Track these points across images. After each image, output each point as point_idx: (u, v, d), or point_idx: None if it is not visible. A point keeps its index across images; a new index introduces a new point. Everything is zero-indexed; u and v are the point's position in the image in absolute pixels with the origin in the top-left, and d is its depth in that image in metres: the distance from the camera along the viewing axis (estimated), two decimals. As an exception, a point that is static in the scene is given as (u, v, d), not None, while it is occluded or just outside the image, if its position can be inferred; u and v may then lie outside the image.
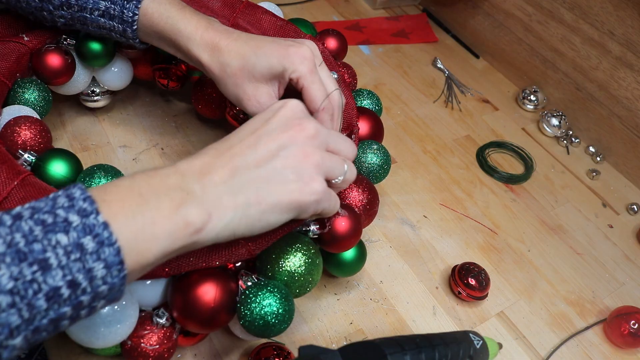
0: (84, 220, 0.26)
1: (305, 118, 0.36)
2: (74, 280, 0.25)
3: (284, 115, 0.35)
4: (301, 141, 0.34)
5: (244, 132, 0.35)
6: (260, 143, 0.33)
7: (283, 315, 0.37)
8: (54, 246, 0.25)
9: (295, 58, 0.41)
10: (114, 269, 0.26)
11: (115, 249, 0.26)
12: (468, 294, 0.50)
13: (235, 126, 0.55)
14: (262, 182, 0.32)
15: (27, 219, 0.25)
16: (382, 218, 0.57)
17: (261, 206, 0.32)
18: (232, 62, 0.42)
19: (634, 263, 0.60)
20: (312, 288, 0.41)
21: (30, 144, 0.43)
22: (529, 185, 0.66)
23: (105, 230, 0.26)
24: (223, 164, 0.32)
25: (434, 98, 0.76)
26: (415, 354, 0.37)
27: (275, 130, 0.34)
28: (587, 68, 0.71)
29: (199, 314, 0.36)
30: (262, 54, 0.41)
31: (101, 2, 0.43)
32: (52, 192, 0.27)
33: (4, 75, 0.45)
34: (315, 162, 0.34)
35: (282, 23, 0.57)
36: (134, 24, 0.44)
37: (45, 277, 0.24)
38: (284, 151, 0.33)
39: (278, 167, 0.33)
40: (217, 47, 0.42)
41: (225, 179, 0.32)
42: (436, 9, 0.91)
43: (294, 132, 0.34)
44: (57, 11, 0.45)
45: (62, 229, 0.25)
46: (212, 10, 0.55)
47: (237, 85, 0.42)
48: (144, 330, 0.37)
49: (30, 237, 0.25)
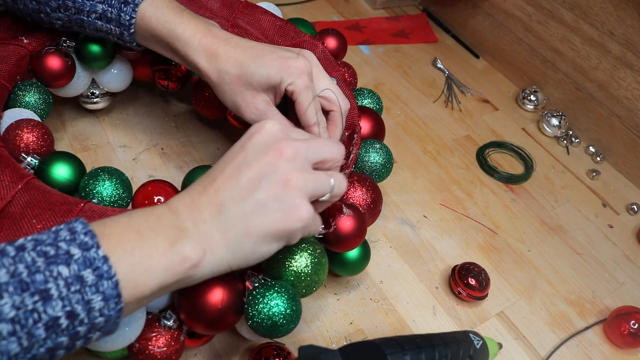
0: (84, 253, 0.27)
1: (282, 140, 0.34)
2: (72, 311, 0.26)
3: (260, 140, 0.34)
4: (281, 167, 0.33)
5: (224, 162, 0.34)
6: (241, 175, 0.33)
7: (291, 315, 0.37)
8: (55, 277, 0.26)
9: (293, 71, 0.41)
10: (112, 301, 0.27)
11: (113, 282, 0.27)
12: (468, 294, 0.50)
13: (236, 126, 0.55)
14: (249, 215, 0.32)
15: (30, 250, 0.26)
16: (382, 218, 0.57)
17: (252, 238, 0.32)
18: (230, 69, 0.42)
19: (634, 263, 0.60)
20: (318, 288, 0.41)
21: (33, 147, 0.43)
22: (529, 185, 0.66)
23: (105, 264, 0.27)
24: (209, 200, 0.32)
25: (434, 98, 0.76)
26: (415, 354, 0.37)
27: (253, 157, 0.33)
28: (587, 68, 0.71)
29: (206, 316, 0.36)
30: (261, 63, 0.41)
31: (98, 5, 0.43)
32: (55, 226, 0.29)
33: (4, 78, 0.45)
34: (297, 186, 0.33)
35: (281, 23, 0.57)
36: (131, 28, 0.43)
37: (46, 307, 0.25)
38: (264, 181, 0.32)
39: (262, 199, 0.32)
40: (215, 53, 0.42)
41: (214, 215, 0.32)
42: (436, 9, 0.91)
43: (271, 157, 0.33)
44: (54, 13, 0.44)
45: (63, 261, 0.26)
46: (211, 11, 0.55)
47: (235, 93, 0.42)
48: (151, 333, 0.37)
49: (33, 268, 0.25)
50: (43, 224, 0.36)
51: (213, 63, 0.42)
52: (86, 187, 0.41)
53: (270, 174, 0.32)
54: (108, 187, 0.41)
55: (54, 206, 0.37)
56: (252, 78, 0.41)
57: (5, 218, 0.36)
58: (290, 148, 0.33)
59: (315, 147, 0.35)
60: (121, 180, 0.42)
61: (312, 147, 0.35)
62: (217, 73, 0.42)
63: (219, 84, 0.43)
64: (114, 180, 0.42)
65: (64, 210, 0.37)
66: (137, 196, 0.43)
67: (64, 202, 0.37)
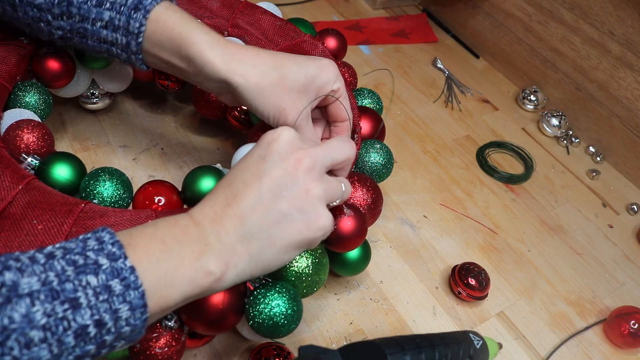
0: (112, 263, 0.27)
1: (299, 149, 0.34)
2: (100, 320, 0.26)
3: (279, 149, 0.34)
4: (301, 177, 0.33)
5: (244, 172, 0.34)
6: (262, 185, 0.33)
7: (292, 315, 0.37)
8: (84, 286, 0.26)
9: (333, 70, 0.42)
10: (138, 311, 0.28)
11: (140, 292, 0.28)
12: (468, 294, 0.50)
13: (236, 126, 0.55)
14: (272, 226, 0.33)
15: (60, 258, 0.27)
16: (382, 218, 0.57)
17: (274, 248, 0.33)
18: (269, 72, 0.40)
19: (634, 263, 0.60)
20: (319, 288, 0.41)
21: (33, 147, 0.43)
22: (529, 185, 0.66)
23: (132, 274, 0.28)
24: (232, 212, 0.32)
25: (434, 98, 0.76)
26: (415, 354, 0.37)
27: (273, 167, 0.33)
28: (587, 68, 0.71)
29: (207, 316, 0.36)
30: (301, 64, 0.40)
31: (105, 12, 0.40)
32: (82, 234, 0.29)
33: (4, 79, 0.45)
34: (317, 196, 0.34)
35: (281, 23, 0.57)
36: (139, 36, 0.41)
37: (75, 316, 0.26)
38: (285, 192, 0.33)
39: (284, 209, 0.33)
40: (238, 53, 0.40)
41: (237, 228, 0.32)
42: (436, 9, 0.91)
43: (291, 167, 0.33)
44: (56, 21, 0.42)
45: (92, 271, 0.27)
46: (211, 11, 0.55)
47: (279, 97, 0.40)
48: (152, 333, 0.37)
49: (63, 277, 0.26)
50: (44, 225, 0.36)
51: (238, 63, 0.39)
52: (87, 188, 0.41)
53: (291, 184, 0.33)
54: (108, 187, 0.41)
55: (55, 206, 0.37)
56: (296, 78, 0.40)
57: (6, 219, 0.36)
58: (309, 157, 0.34)
59: (330, 151, 0.36)
60: (122, 181, 0.42)
61: (327, 153, 0.36)
62: (257, 76, 0.39)
63: (260, 88, 0.40)
64: (114, 180, 0.42)
65: (64, 210, 0.37)
66: (138, 196, 0.43)
67: (65, 203, 0.37)
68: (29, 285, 0.25)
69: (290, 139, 0.35)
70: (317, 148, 0.35)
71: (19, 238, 0.35)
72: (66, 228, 0.36)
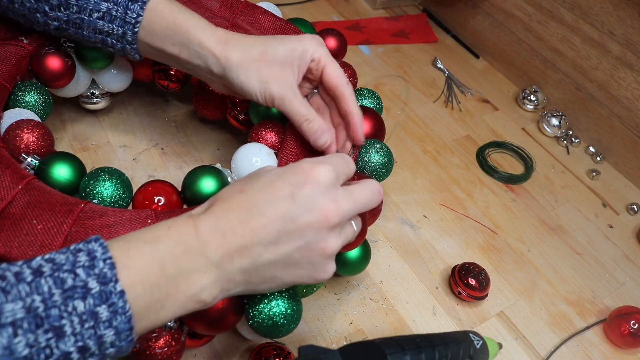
0: (102, 287, 0.26)
1: (331, 202, 0.33)
2: (84, 346, 0.26)
3: (311, 194, 0.32)
4: (323, 234, 0.32)
5: (268, 207, 0.32)
6: (283, 229, 0.31)
7: (291, 315, 0.37)
8: (70, 312, 0.26)
9: (312, 41, 0.43)
10: (124, 334, 0.27)
11: (127, 317, 0.27)
12: (468, 294, 0.50)
13: (236, 126, 0.55)
14: (278, 267, 0.32)
15: (48, 276, 0.26)
16: (382, 218, 0.57)
17: (273, 284, 0.34)
18: (252, 48, 0.42)
19: (634, 263, 0.60)
20: (318, 288, 0.41)
21: (33, 147, 0.43)
22: (529, 185, 0.66)
23: (121, 299, 0.27)
24: (243, 241, 0.31)
25: (434, 98, 0.76)
26: (415, 354, 0.37)
27: (300, 215, 0.32)
28: (587, 68, 0.71)
29: (207, 316, 0.36)
30: (279, 40, 0.43)
31: (103, 3, 0.42)
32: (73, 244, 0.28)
33: (4, 79, 0.45)
34: (331, 253, 0.33)
35: (281, 23, 0.57)
36: (136, 26, 0.42)
37: (58, 344, 0.25)
38: (303, 242, 0.32)
39: (296, 259, 0.33)
40: (232, 39, 0.43)
41: (243, 258, 0.31)
42: (436, 9, 0.91)
43: (317, 222, 0.32)
44: (53, 12, 0.43)
45: (80, 295, 0.26)
46: (211, 11, 0.55)
47: (261, 69, 0.42)
48: (152, 333, 0.37)
49: (50, 302, 0.25)
50: (44, 225, 0.36)
51: (232, 48, 0.42)
52: (86, 188, 0.41)
53: (312, 238, 0.32)
54: (108, 187, 0.41)
55: (55, 206, 0.37)
56: (276, 52, 0.42)
57: (5, 219, 0.36)
58: (338, 216, 0.33)
59: (360, 206, 0.35)
60: (121, 181, 0.42)
61: (356, 208, 0.34)
62: (239, 54, 0.42)
63: (240, 64, 0.42)
64: (114, 180, 0.42)
65: (64, 210, 0.37)
66: (137, 196, 0.43)
67: (65, 203, 0.37)
68: (13, 313, 0.24)
69: (325, 182, 0.33)
70: (348, 201, 0.34)
71: (19, 238, 0.35)
72: (66, 228, 0.36)
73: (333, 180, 0.33)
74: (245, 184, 0.33)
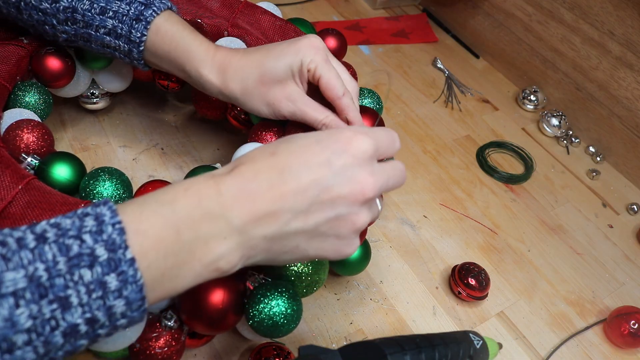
0: (110, 255, 0.25)
1: (369, 175, 0.31)
2: (93, 318, 0.24)
3: (349, 163, 0.30)
4: (355, 209, 0.31)
5: (303, 171, 0.30)
6: (316, 198, 0.29)
7: (292, 315, 0.37)
8: (76, 282, 0.24)
9: (309, 49, 0.41)
10: (135, 304, 0.26)
11: (138, 286, 0.25)
12: (468, 294, 0.50)
13: (236, 126, 0.55)
14: (303, 237, 0.31)
15: (52, 242, 0.24)
16: (382, 218, 0.57)
17: (295, 255, 0.32)
18: (250, 75, 0.42)
19: (634, 263, 0.60)
20: (318, 287, 0.41)
21: (33, 147, 0.43)
22: (529, 185, 0.66)
23: (131, 268, 0.25)
24: (270, 206, 0.29)
25: (434, 98, 0.76)
26: (415, 354, 0.37)
27: (335, 184, 0.30)
28: (587, 68, 0.71)
29: (207, 316, 0.36)
30: (276, 55, 0.41)
31: (108, 20, 0.42)
32: (80, 207, 0.26)
33: (4, 79, 0.45)
34: (360, 228, 0.32)
35: (281, 23, 0.57)
36: (140, 45, 0.42)
37: (64, 315, 0.24)
38: (335, 214, 0.30)
39: (324, 231, 0.31)
40: (230, 67, 0.42)
41: (269, 226, 0.29)
42: (436, 9, 0.91)
43: (352, 195, 0.30)
44: (61, 26, 0.43)
45: (87, 264, 0.24)
46: (211, 11, 0.55)
47: (264, 94, 0.42)
48: (152, 333, 0.37)
49: (54, 271, 0.24)
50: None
51: (230, 76, 0.42)
52: (86, 188, 0.41)
53: (343, 211, 0.30)
54: (108, 187, 0.41)
55: (55, 206, 0.37)
56: (274, 72, 0.41)
57: (5, 219, 0.36)
58: (374, 189, 0.31)
59: (392, 180, 0.33)
60: (121, 181, 0.42)
61: (389, 183, 0.33)
62: (239, 83, 0.42)
63: (244, 94, 0.42)
64: (114, 180, 0.42)
65: (64, 210, 0.37)
66: (138, 196, 0.43)
67: (65, 203, 0.37)
68: (14, 282, 0.23)
69: (365, 154, 0.31)
70: (383, 177, 0.32)
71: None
72: (66, 228, 0.36)
73: (372, 153, 0.31)
74: (278, 146, 0.31)
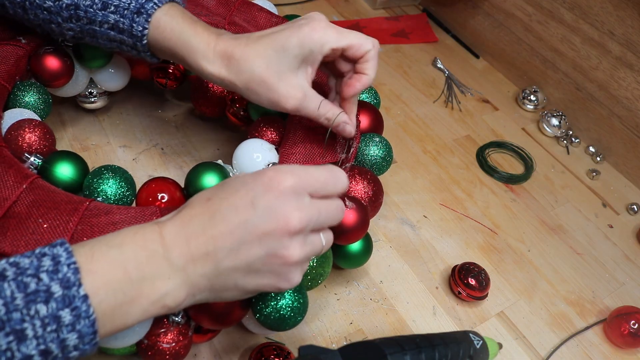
0: (65, 291, 0.26)
1: (295, 210, 0.31)
2: (47, 350, 0.26)
3: (272, 202, 0.31)
4: (285, 242, 0.31)
5: (230, 214, 0.31)
6: (244, 236, 0.31)
7: (298, 308, 0.37)
8: (32, 316, 0.25)
9: (315, 36, 0.40)
10: (87, 337, 0.27)
11: (90, 321, 0.27)
12: (468, 294, 0.50)
13: (235, 123, 0.55)
14: (240, 273, 0.32)
15: (11, 280, 0.26)
16: (382, 218, 0.57)
17: (238, 291, 0.33)
18: (255, 67, 0.40)
19: (634, 263, 0.60)
20: (323, 280, 0.42)
21: (35, 147, 0.43)
22: (529, 185, 0.66)
23: (84, 304, 0.27)
24: (205, 248, 0.31)
25: (434, 98, 0.76)
26: (415, 354, 0.37)
27: (260, 222, 0.31)
28: (587, 68, 0.71)
29: (214, 310, 0.36)
30: (280, 44, 0.40)
31: (110, 15, 0.42)
32: (38, 247, 0.28)
33: (3, 79, 0.45)
34: (294, 262, 0.32)
35: (278, 20, 0.57)
36: (143, 39, 0.42)
37: (20, 347, 0.25)
38: (266, 252, 0.31)
39: (257, 267, 0.32)
40: (233, 57, 0.41)
41: (206, 264, 0.31)
42: (436, 9, 0.91)
43: (278, 229, 0.31)
44: (66, 24, 0.43)
45: (43, 299, 0.26)
46: (207, 9, 0.55)
47: (270, 89, 0.41)
48: (159, 329, 0.37)
49: (11, 306, 0.25)
50: (49, 223, 0.36)
51: (234, 68, 0.41)
52: (90, 186, 0.41)
53: (271, 247, 0.31)
54: (112, 185, 0.41)
55: (59, 205, 0.37)
56: (281, 63, 0.40)
57: (11, 218, 0.36)
58: (299, 222, 0.31)
59: (325, 217, 0.34)
60: (125, 178, 0.42)
61: (321, 217, 0.33)
62: (245, 76, 0.41)
63: (248, 87, 0.41)
64: (117, 178, 0.42)
65: (69, 209, 0.37)
66: (141, 194, 0.43)
67: (69, 201, 0.37)
68: None
69: (287, 190, 0.32)
70: (311, 210, 0.32)
71: (25, 237, 0.35)
72: (72, 226, 0.36)
73: (296, 188, 0.32)
74: (213, 192, 0.33)
